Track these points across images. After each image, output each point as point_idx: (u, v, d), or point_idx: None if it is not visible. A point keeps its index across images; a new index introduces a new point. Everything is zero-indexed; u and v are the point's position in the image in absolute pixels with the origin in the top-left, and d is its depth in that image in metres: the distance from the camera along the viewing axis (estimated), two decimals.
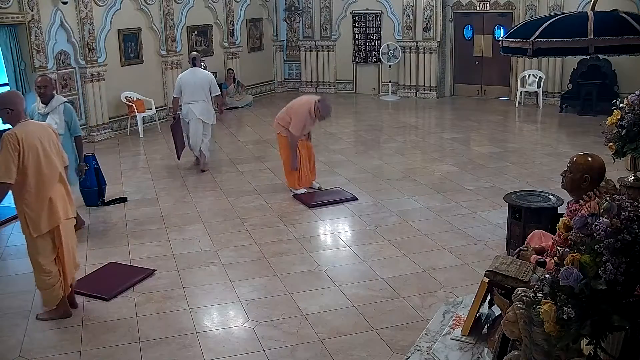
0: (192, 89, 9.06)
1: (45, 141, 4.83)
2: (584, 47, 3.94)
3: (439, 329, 4.27)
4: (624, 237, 2.34)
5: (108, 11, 11.54)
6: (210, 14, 14.22)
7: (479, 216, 7.13)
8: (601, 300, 2.32)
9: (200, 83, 9.08)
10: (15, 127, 4.75)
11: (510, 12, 14.21)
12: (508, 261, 3.81)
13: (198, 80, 9.09)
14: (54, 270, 4.92)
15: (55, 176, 4.87)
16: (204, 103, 9.13)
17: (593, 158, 3.81)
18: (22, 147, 4.64)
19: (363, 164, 9.54)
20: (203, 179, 8.89)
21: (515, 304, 2.67)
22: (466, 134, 11.59)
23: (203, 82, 9.10)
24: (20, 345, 4.65)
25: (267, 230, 6.86)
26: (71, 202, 5.07)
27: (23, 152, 4.64)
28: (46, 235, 4.84)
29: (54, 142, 4.96)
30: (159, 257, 6.19)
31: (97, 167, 7.88)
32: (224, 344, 4.63)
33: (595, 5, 4.30)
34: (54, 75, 10.51)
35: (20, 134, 4.66)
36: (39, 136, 4.79)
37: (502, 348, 3.38)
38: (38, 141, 4.76)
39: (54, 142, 4.96)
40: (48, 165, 4.81)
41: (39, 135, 4.80)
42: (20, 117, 4.79)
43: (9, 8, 9.74)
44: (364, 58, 15.74)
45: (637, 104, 3.37)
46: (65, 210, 4.94)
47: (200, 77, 9.16)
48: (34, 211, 4.76)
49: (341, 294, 5.31)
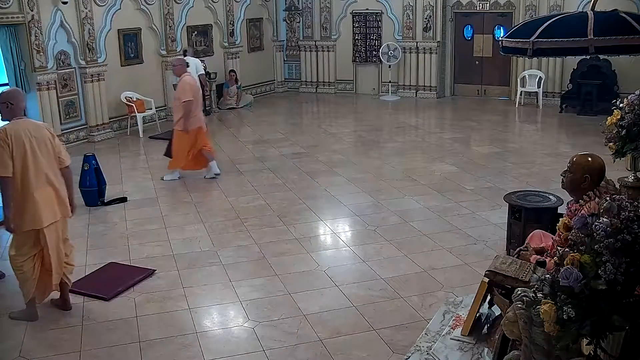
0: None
1: (36, 141, 4.80)
2: (584, 47, 3.93)
3: (439, 329, 4.27)
4: (624, 237, 2.34)
5: (108, 11, 11.54)
6: (210, 14, 14.22)
7: (479, 216, 7.13)
8: (601, 300, 2.32)
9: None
10: (8, 124, 4.77)
11: (510, 12, 14.21)
12: (508, 261, 3.81)
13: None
14: (25, 267, 4.88)
15: (41, 177, 4.82)
16: None
17: (593, 158, 3.81)
18: (11, 142, 4.65)
19: (363, 164, 9.54)
20: (203, 179, 8.89)
21: (515, 304, 2.67)
22: (466, 134, 11.59)
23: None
24: (20, 345, 4.65)
25: (267, 230, 6.86)
26: (63, 204, 4.99)
27: (11, 148, 4.66)
28: (26, 233, 4.83)
29: (48, 142, 4.90)
30: (159, 257, 6.19)
31: (97, 167, 7.89)
32: (224, 344, 4.63)
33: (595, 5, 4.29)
34: (54, 75, 10.54)
35: (10, 130, 4.69)
36: (30, 134, 4.78)
37: (502, 348, 3.39)
38: (27, 139, 4.75)
39: (48, 142, 4.90)
40: (34, 164, 4.79)
41: (30, 134, 4.78)
42: (16, 114, 4.81)
43: (9, 8, 9.74)
44: (364, 58, 15.74)
45: (637, 104, 3.37)
46: (53, 214, 4.87)
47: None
48: (16, 208, 4.75)
49: (341, 294, 5.31)
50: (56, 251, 4.98)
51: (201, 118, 8.83)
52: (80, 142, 11.11)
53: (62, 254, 5.08)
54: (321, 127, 12.84)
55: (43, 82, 10.33)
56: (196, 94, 8.60)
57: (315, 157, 9.98)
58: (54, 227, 4.94)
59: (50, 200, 4.89)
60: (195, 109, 8.60)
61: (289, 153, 10.29)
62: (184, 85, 8.46)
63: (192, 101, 8.46)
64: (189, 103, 8.41)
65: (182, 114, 8.45)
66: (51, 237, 4.92)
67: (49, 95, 10.45)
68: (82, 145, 10.89)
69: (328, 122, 13.54)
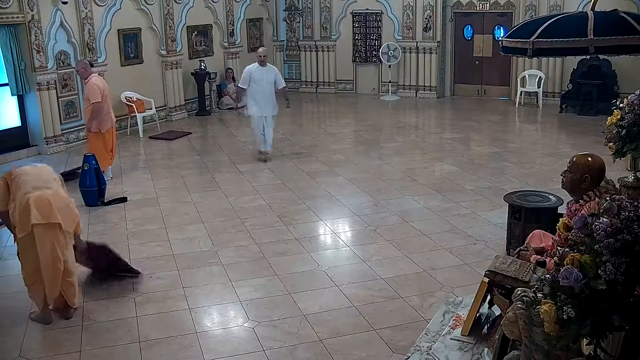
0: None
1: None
2: (584, 47, 3.93)
3: (439, 329, 4.27)
4: (624, 237, 2.34)
5: (108, 11, 11.54)
6: (210, 14, 14.22)
7: (479, 216, 7.13)
8: (601, 300, 2.32)
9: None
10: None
11: (510, 12, 14.21)
12: (508, 261, 3.81)
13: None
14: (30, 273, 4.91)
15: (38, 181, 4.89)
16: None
17: (593, 158, 3.81)
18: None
19: (363, 164, 9.54)
20: (203, 179, 8.90)
21: (515, 304, 2.67)
22: (466, 134, 11.59)
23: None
24: (20, 345, 4.65)
25: (267, 230, 6.86)
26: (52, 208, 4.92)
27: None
28: (25, 238, 4.80)
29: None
30: (159, 257, 6.19)
31: (97, 167, 7.89)
32: (224, 344, 4.63)
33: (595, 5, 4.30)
34: (54, 75, 10.53)
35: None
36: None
37: (502, 348, 3.39)
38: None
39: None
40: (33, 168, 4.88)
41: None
42: None
43: (9, 8, 9.74)
44: (364, 58, 15.74)
45: (637, 104, 3.37)
46: (44, 216, 4.78)
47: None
48: (16, 211, 4.79)
49: (341, 294, 5.31)
50: (49, 257, 4.82)
51: (113, 118, 8.98)
52: (80, 142, 11.10)
53: (60, 262, 4.89)
54: (321, 127, 12.84)
55: (43, 82, 10.33)
56: (106, 95, 8.71)
57: (315, 157, 9.98)
58: (46, 229, 4.81)
59: (45, 202, 4.82)
60: (106, 109, 8.74)
61: (289, 153, 10.29)
62: (92, 86, 8.51)
63: (102, 102, 8.54)
64: (98, 104, 8.48)
65: (92, 116, 8.57)
66: (43, 241, 4.78)
67: (49, 95, 10.45)
68: (82, 145, 10.89)
69: (328, 122, 13.55)
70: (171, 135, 11.73)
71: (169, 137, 11.55)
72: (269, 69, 9.83)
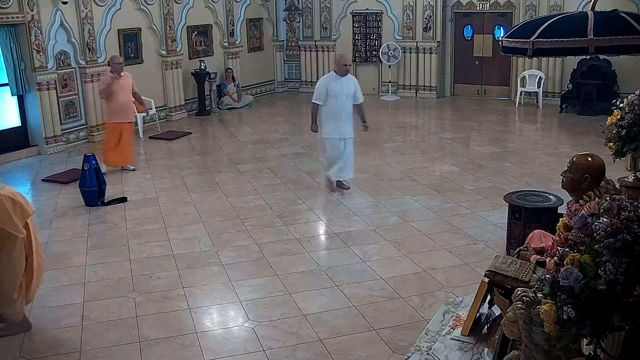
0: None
1: None
2: (584, 47, 3.93)
3: (439, 329, 4.27)
4: (624, 237, 2.34)
5: (108, 11, 11.54)
6: (210, 14, 14.22)
7: (479, 216, 7.13)
8: (601, 300, 2.32)
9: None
10: None
11: (510, 12, 14.21)
12: (508, 261, 3.81)
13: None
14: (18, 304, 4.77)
15: None
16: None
17: (593, 158, 3.81)
18: None
19: (363, 164, 9.54)
20: (203, 179, 8.90)
21: (515, 304, 2.67)
22: (466, 134, 11.59)
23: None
24: (20, 345, 4.65)
25: (267, 230, 6.86)
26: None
27: None
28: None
29: None
30: (159, 257, 6.19)
31: (97, 167, 7.88)
32: (224, 344, 4.63)
33: (595, 5, 4.30)
34: (54, 75, 10.53)
35: None
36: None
37: (502, 348, 3.39)
38: None
39: None
40: None
41: None
42: None
43: (9, 8, 9.73)
44: (364, 58, 15.74)
45: (637, 104, 3.37)
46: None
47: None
48: None
49: (341, 294, 5.31)
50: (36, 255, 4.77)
51: (126, 117, 9.22)
52: (80, 142, 11.11)
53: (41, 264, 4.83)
54: None
55: (43, 82, 10.33)
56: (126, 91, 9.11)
57: (315, 157, 9.98)
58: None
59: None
60: (121, 102, 9.08)
61: (289, 153, 10.29)
62: (128, 79, 9.10)
63: (115, 93, 8.95)
64: (106, 89, 8.95)
65: (105, 89, 9.03)
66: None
67: (49, 95, 10.45)
68: (82, 145, 10.91)
69: None
70: (171, 135, 11.73)
71: (169, 137, 11.56)
72: (349, 80, 8.10)
